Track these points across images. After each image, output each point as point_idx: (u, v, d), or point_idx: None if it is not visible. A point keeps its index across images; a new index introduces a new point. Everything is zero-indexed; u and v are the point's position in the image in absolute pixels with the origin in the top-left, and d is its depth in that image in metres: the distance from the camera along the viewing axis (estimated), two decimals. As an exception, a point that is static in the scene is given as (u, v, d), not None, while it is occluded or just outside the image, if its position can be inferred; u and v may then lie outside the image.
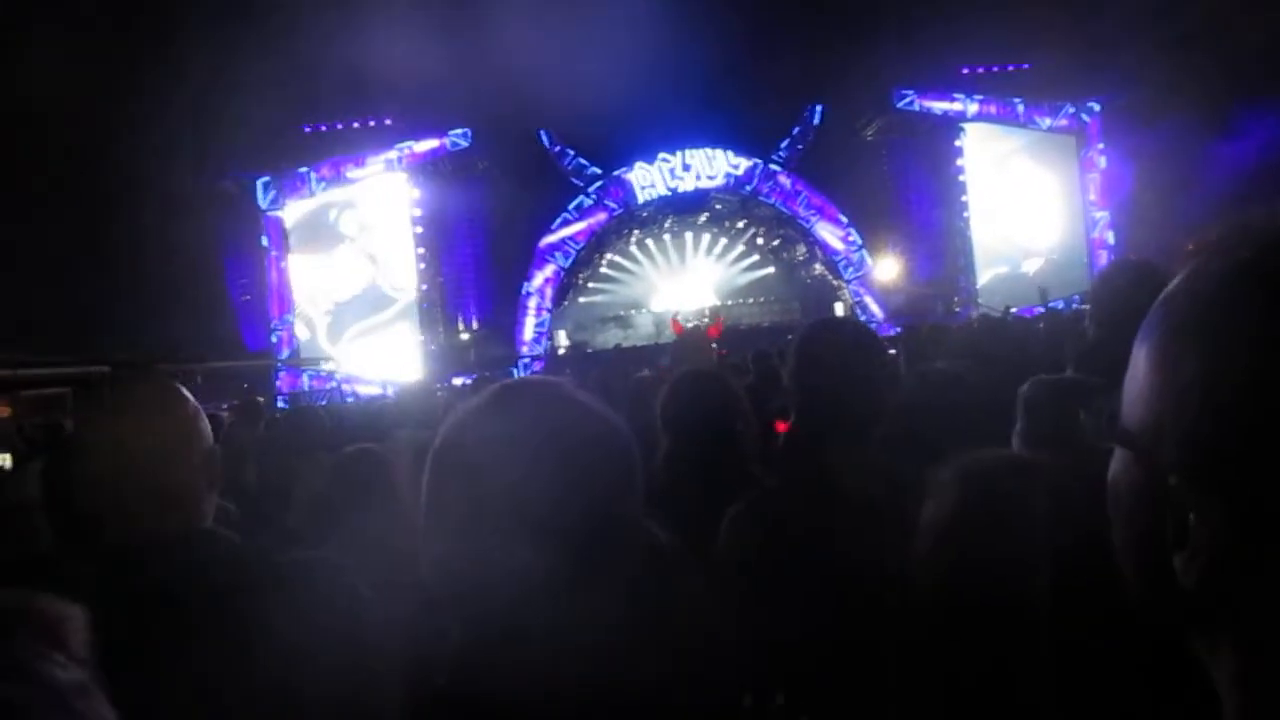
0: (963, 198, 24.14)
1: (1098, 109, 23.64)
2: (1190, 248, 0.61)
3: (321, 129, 22.74)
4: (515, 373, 19.25)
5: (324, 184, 22.66)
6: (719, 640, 1.32)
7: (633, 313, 26.40)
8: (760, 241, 27.40)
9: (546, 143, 24.09)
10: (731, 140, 24.23)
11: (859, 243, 24.42)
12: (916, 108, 23.71)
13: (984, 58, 23.57)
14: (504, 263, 24.00)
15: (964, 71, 23.95)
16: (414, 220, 23.08)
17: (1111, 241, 23.32)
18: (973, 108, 23.78)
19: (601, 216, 24.29)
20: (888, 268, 23.64)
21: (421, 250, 23.18)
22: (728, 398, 2.77)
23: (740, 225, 27.17)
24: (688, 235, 27.45)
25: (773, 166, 24.45)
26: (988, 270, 23.90)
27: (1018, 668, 1.09)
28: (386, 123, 22.79)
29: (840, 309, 23.10)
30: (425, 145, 22.77)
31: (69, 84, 14.52)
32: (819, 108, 24.37)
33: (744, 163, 24.33)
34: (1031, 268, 23.40)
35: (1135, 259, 2.88)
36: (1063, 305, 16.59)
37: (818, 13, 21.37)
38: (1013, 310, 11.77)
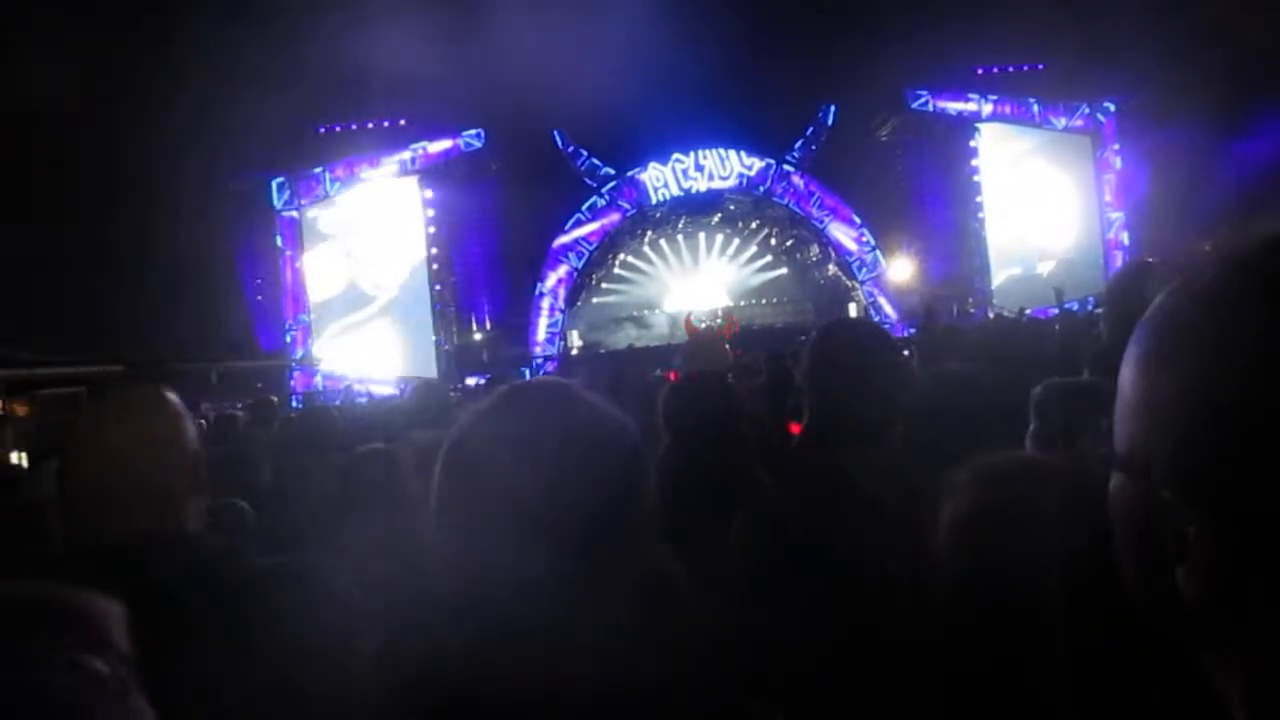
0: (977, 198, 24.06)
1: (1113, 109, 23.52)
2: (1207, 248, 0.61)
3: (335, 129, 22.85)
4: (528, 373, 19.29)
5: (338, 184, 22.74)
6: (720, 641, 1.32)
7: (646, 313, 26.43)
8: (773, 242, 27.36)
9: (560, 143, 24.11)
10: (745, 141, 24.20)
11: (873, 243, 24.37)
12: (931, 108, 23.67)
13: (999, 58, 23.51)
14: (517, 263, 24.06)
15: (979, 72, 23.91)
16: (427, 220, 23.15)
17: (1126, 242, 23.20)
18: (987, 108, 23.70)
19: (615, 217, 24.31)
20: (902, 268, 23.58)
21: (434, 250, 23.24)
22: (729, 399, 2.76)
23: (753, 226, 27.12)
24: (701, 236, 27.43)
25: (786, 167, 24.41)
26: (1002, 271, 23.80)
27: (1032, 669, 1.09)
28: (400, 123, 22.89)
29: (854, 310, 23.09)
30: (439, 146, 22.85)
31: (86, 86, 14.63)
32: (833, 108, 24.32)
33: (757, 163, 24.30)
34: (1046, 269, 23.25)
35: (1150, 260, 2.86)
36: (1078, 307, 16.48)
37: (832, 13, 21.34)
38: (1027, 311, 11.73)
